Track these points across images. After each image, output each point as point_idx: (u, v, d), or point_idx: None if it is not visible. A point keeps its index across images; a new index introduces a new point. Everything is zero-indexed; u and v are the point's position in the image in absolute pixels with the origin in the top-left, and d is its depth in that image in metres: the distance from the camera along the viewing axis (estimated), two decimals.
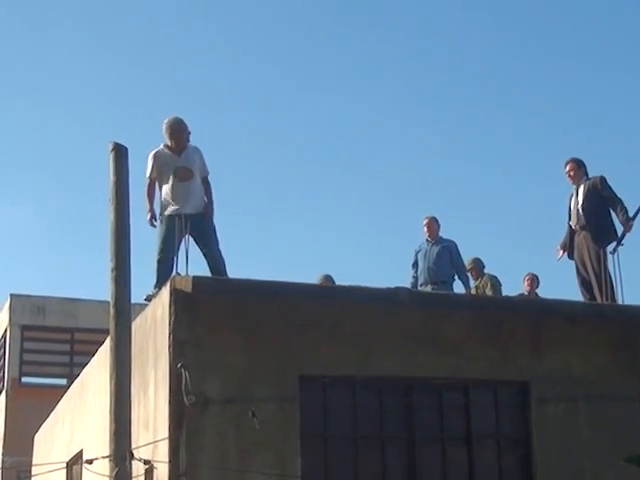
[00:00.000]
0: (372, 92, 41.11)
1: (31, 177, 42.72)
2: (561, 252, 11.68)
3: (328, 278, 12.89)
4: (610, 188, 11.27)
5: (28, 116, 41.73)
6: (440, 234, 13.23)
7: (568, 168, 11.54)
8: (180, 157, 10.55)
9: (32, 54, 42.17)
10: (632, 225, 11.07)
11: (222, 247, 10.57)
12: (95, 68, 42.17)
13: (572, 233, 11.44)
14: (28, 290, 26.22)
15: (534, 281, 14.06)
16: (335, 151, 42.01)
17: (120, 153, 7.78)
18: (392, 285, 8.97)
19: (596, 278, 11.05)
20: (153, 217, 10.46)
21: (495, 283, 13.62)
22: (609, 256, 11.05)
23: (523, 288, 14.01)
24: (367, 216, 41.19)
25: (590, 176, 11.45)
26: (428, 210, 14.00)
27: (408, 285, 12.83)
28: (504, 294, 13.42)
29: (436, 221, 13.25)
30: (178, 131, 10.60)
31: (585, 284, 11.30)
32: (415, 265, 13.14)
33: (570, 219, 11.48)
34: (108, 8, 40.95)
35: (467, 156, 40.94)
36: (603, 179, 11.32)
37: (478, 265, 13.91)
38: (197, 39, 42.22)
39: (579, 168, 11.49)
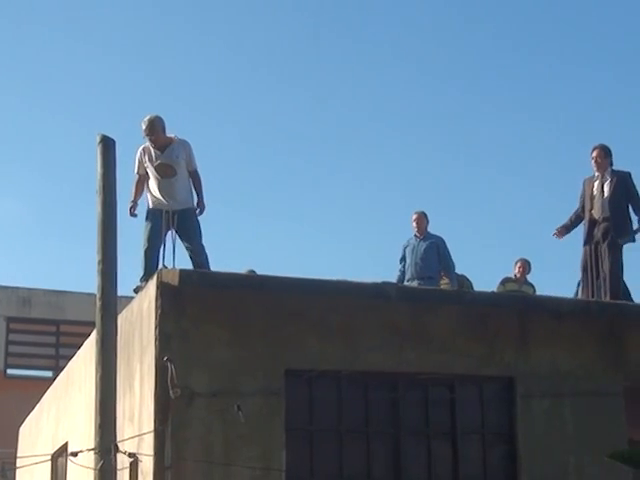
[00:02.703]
0: (361, 87, 41.10)
1: (19, 170, 42.44)
2: (561, 233, 11.61)
3: (251, 273, 12.75)
4: (634, 186, 11.24)
5: (16, 109, 41.58)
6: (429, 230, 13.25)
7: (595, 154, 11.38)
8: (163, 153, 10.66)
9: (19, 46, 42.01)
10: None
11: (210, 242, 10.73)
12: (84, 61, 42.01)
13: (592, 222, 11.31)
14: (14, 282, 26.16)
15: (525, 267, 13.96)
16: (323, 146, 41.96)
17: (107, 146, 7.79)
18: (379, 280, 8.99)
19: (610, 271, 10.98)
20: (133, 207, 10.71)
21: (468, 283, 13.52)
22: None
23: (512, 272, 13.90)
24: (352, 211, 41.14)
25: (614, 167, 11.37)
26: (415, 205, 14.06)
27: (395, 279, 12.89)
28: (489, 290, 13.36)
29: (425, 217, 13.28)
30: (152, 129, 10.67)
31: (585, 271, 11.25)
32: (403, 260, 13.19)
33: (591, 207, 11.30)
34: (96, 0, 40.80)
35: (456, 151, 40.98)
36: (630, 175, 11.27)
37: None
38: (187, 32, 42.12)
39: (606, 156, 11.36)
